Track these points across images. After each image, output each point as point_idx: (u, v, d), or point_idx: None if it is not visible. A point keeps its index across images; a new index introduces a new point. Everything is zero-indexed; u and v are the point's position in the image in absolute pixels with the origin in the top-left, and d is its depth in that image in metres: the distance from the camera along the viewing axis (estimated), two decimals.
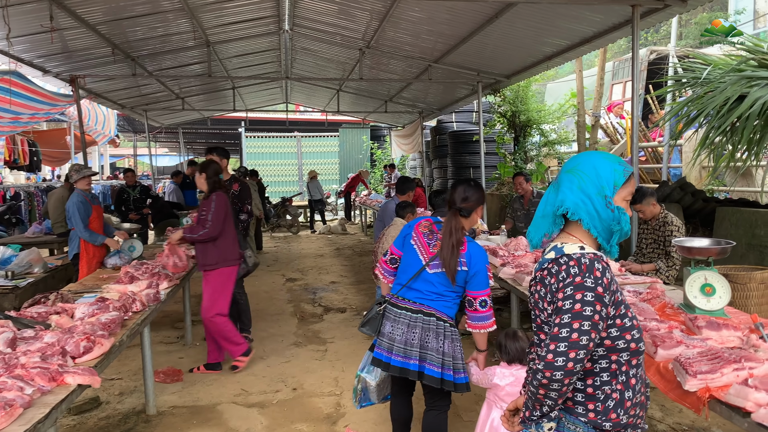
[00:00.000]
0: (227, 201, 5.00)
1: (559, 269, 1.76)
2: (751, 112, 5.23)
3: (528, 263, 4.81)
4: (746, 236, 5.44)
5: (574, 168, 1.88)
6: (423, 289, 3.11)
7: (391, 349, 3.08)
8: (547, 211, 1.90)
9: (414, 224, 3.24)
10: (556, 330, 1.71)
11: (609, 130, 10.05)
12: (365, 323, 3.22)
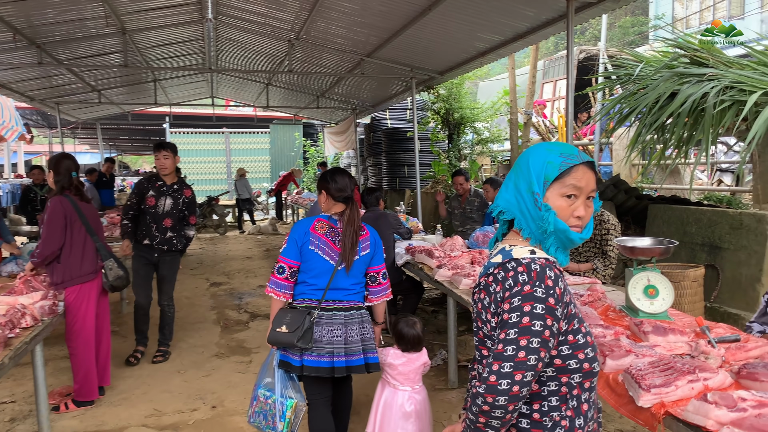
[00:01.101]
0: (61, 206, 4.05)
1: (505, 275, 1.53)
2: (682, 110, 5.22)
3: (464, 264, 4.59)
4: (678, 234, 5.44)
5: (515, 163, 1.66)
6: (347, 286, 3.15)
7: (333, 352, 3.06)
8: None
9: (307, 229, 3.11)
10: (501, 347, 1.48)
11: (541, 128, 10.08)
12: (300, 337, 2.98)
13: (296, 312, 3.05)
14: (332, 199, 3.19)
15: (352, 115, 13.83)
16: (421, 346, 3.45)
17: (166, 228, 5.13)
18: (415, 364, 3.37)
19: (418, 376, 3.41)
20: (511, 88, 9.11)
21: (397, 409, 3.30)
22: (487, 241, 5.41)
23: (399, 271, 5.63)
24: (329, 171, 3.34)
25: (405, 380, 3.35)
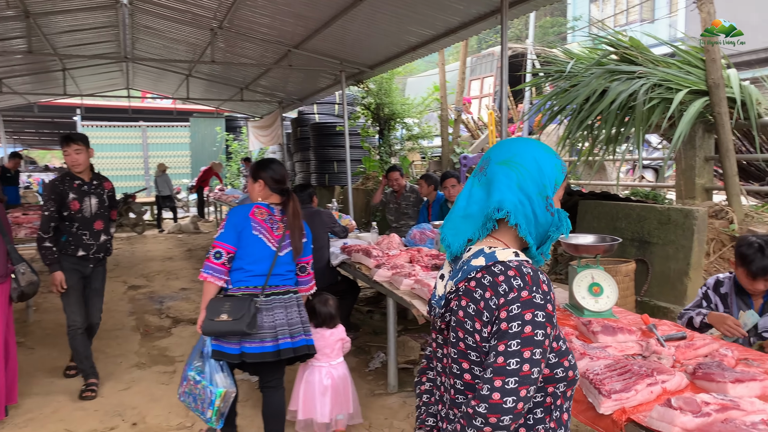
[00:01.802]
0: None
1: (494, 280, 1.39)
2: (612, 107, 5.29)
3: (404, 263, 4.44)
4: (608, 229, 5.52)
5: (509, 160, 1.47)
6: (283, 271, 3.25)
7: (277, 336, 3.12)
8: (472, 211, 1.49)
9: (247, 214, 3.15)
10: (502, 360, 1.34)
11: (470, 125, 10.12)
12: (249, 323, 3.00)
13: (238, 300, 3.05)
14: (269, 190, 3.26)
15: (278, 109, 13.43)
16: (334, 323, 3.67)
17: (99, 232, 4.42)
18: (329, 340, 3.60)
19: (336, 351, 3.63)
20: (441, 84, 9.08)
21: (317, 384, 3.52)
22: (424, 238, 5.29)
23: (334, 272, 5.41)
24: (265, 160, 3.36)
25: (321, 356, 3.54)
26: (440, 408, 1.58)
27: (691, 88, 5.14)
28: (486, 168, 1.51)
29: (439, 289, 1.55)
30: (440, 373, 1.56)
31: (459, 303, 1.44)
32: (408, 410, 3.96)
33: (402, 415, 3.89)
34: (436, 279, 1.68)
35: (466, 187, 1.54)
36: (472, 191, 1.51)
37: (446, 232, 1.53)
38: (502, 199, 1.44)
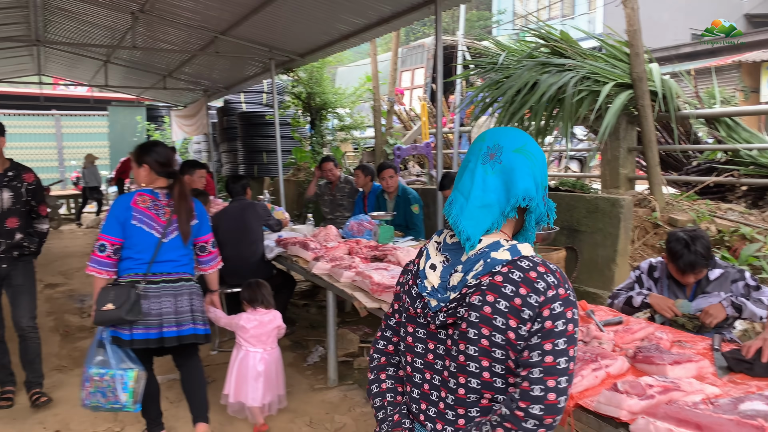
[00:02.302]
0: None
1: (526, 276, 1.35)
2: (542, 99, 5.41)
3: (343, 255, 4.37)
4: None
5: (523, 148, 1.45)
6: (175, 257, 3.25)
7: (162, 324, 3.14)
8: (490, 200, 1.42)
9: (128, 204, 3.15)
10: (551, 360, 1.32)
11: (402, 116, 10.14)
12: (129, 311, 3.03)
13: (120, 288, 3.09)
14: (154, 174, 3.24)
15: (203, 98, 12.94)
16: (269, 304, 3.80)
17: (12, 230, 3.97)
18: (267, 327, 3.70)
19: (271, 338, 3.73)
20: (374, 74, 9.02)
21: (250, 369, 3.60)
22: (362, 230, 5.24)
23: (269, 266, 5.27)
24: (148, 143, 3.35)
25: (257, 342, 3.66)
26: (424, 407, 1.50)
27: (617, 81, 5.33)
28: (499, 156, 1.44)
29: (432, 281, 1.47)
30: (424, 370, 1.49)
31: (483, 298, 1.37)
32: (349, 403, 3.91)
33: (343, 409, 3.84)
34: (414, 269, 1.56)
35: (475, 174, 1.45)
36: (486, 179, 1.44)
37: (465, 223, 1.42)
38: (527, 188, 1.41)
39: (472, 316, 1.38)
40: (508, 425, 1.33)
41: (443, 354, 1.46)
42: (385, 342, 1.67)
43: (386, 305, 3.27)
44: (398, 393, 1.61)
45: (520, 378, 1.34)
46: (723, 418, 1.78)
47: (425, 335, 1.49)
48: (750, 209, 5.37)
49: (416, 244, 5.06)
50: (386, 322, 1.68)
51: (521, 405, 1.32)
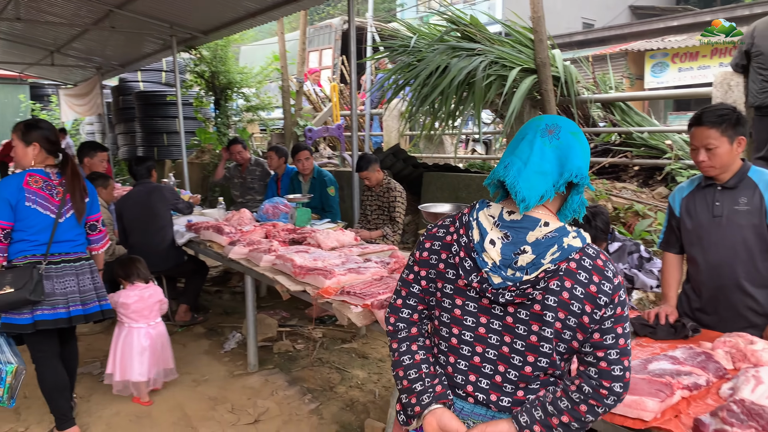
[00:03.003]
0: None
1: (595, 264, 1.46)
2: (453, 83, 5.54)
3: (260, 239, 4.29)
4: (451, 198, 5.84)
5: (578, 134, 1.52)
6: (72, 237, 3.24)
7: (68, 303, 3.15)
8: (546, 169, 1.47)
9: (20, 185, 3.07)
10: (623, 343, 1.47)
11: (312, 97, 10.01)
12: (32, 291, 2.99)
13: (18, 270, 3.04)
14: (45, 152, 3.18)
15: (96, 76, 12.11)
16: (147, 278, 3.88)
17: None
18: (148, 301, 3.77)
19: (153, 312, 3.80)
20: (281, 54, 8.82)
21: (135, 345, 3.66)
22: (277, 213, 5.17)
23: (180, 252, 5.08)
24: (32, 120, 3.26)
25: (139, 317, 3.73)
26: (473, 378, 1.55)
27: (523, 67, 5.56)
28: (558, 133, 1.50)
29: (493, 256, 1.47)
30: (475, 343, 1.53)
31: (562, 284, 1.44)
32: (271, 387, 3.87)
33: (266, 393, 3.80)
34: (465, 241, 1.53)
35: (534, 144, 1.49)
36: (545, 150, 1.48)
37: (522, 185, 1.45)
38: (581, 166, 1.49)
39: (550, 300, 1.44)
40: (593, 402, 1.45)
41: (501, 330, 1.51)
42: (410, 311, 1.65)
43: (310, 287, 3.25)
44: (432, 364, 1.62)
45: (595, 359, 1.46)
46: (636, 378, 1.94)
47: (477, 309, 1.53)
48: (641, 188, 5.81)
49: (334, 226, 5.06)
50: (408, 290, 1.65)
51: (605, 384, 1.44)
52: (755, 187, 2.43)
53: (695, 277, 2.64)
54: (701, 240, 2.55)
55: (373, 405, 3.64)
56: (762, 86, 4.90)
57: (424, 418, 1.55)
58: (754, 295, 2.46)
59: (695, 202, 2.58)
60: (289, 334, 4.80)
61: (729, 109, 2.42)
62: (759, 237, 2.42)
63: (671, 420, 1.76)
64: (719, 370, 2.06)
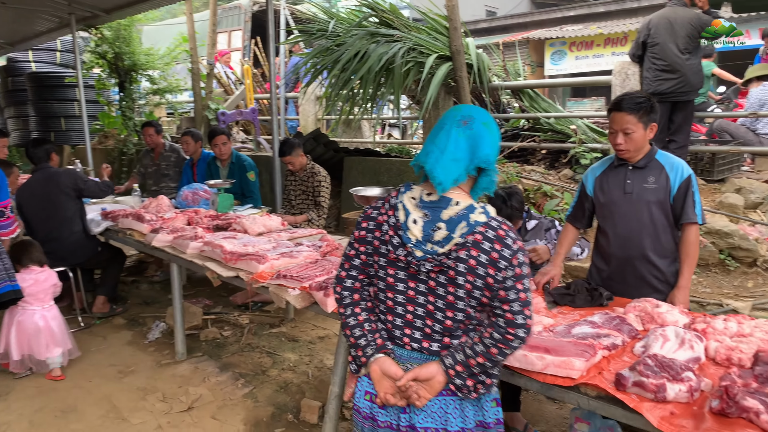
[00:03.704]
0: None
1: (497, 234, 1.73)
2: (371, 68, 5.63)
3: (184, 226, 4.21)
4: (372, 182, 5.95)
5: (489, 123, 1.82)
6: None
7: None
8: (459, 156, 1.77)
9: None
10: (524, 296, 1.74)
11: (222, 80, 9.74)
12: None
13: None
14: None
15: None
16: (42, 262, 4.02)
17: None
18: (43, 285, 3.91)
19: (48, 296, 3.95)
20: (190, 35, 8.51)
21: (30, 326, 3.80)
22: (197, 199, 5.06)
23: (94, 242, 4.87)
24: None
25: (34, 300, 3.86)
26: (409, 332, 1.85)
27: (439, 54, 5.73)
28: (471, 124, 1.79)
29: (416, 233, 1.75)
30: (407, 304, 1.82)
31: (469, 253, 1.72)
32: (202, 375, 3.85)
33: (197, 381, 3.77)
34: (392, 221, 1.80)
35: (450, 134, 1.78)
36: (459, 140, 1.77)
37: (439, 171, 1.74)
38: (489, 153, 1.78)
39: (460, 267, 1.73)
40: (501, 345, 1.74)
41: (426, 292, 1.80)
42: (353, 280, 1.93)
43: (243, 273, 3.26)
44: (373, 321, 1.91)
45: (501, 311, 1.74)
46: (563, 341, 2.15)
47: (406, 276, 1.82)
48: (548, 170, 6.20)
49: (258, 211, 5.03)
50: (350, 263, 1.93)
51: (510, 331, 1.73)
52: (662, 169, 2.73)
53: (606, 249, 2.90)
54: (613, 214, 2.82)
55: (308, 385, 3.72)
56: (656, 75, 5.33)
57: (370, 366, 1.85)
58: (658, 265, 2.77)
59: (608, 180, 2.85)
60: (215, 322, 4.75)
61: (645, 97, 2.69)
62: (663, 212, 2.73)
63: (596, 376, 1.97)
64: (632, 331, 2.32)
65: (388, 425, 1.84)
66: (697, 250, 2.79)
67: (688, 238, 2.75)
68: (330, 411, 2.78)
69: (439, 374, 1.77)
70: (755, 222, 5.00)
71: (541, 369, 2.01)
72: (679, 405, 1.78)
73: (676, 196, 2.71)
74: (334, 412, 2.78)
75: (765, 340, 2.12)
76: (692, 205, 2.71)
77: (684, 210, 2.71)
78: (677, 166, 2.74)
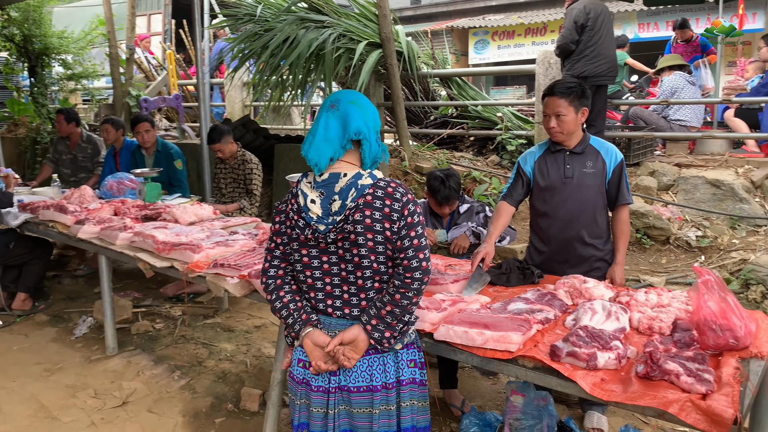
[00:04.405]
0: None
1: (386, 191, 1.89)
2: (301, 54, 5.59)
3: (111, 217, 4.05)
4: (304, 168, 5.84)
5: (356, 101, 1.98)
6: None
7: None
8: (331, 136, 1.93)
9: None
10: (417, 242, 1.90)
11: (143, 65, 9.34)
12: None
13: None
14: None
15: None
16: None
17: None
18: None
19: None
20: (108, 17, 8.10)
21: None
22: (123, 189, 4.88)
23: (11, 235, 4.58)
24: None
25: None
26: (330, 302, 1.99)
27: (369, 41, 5.76)
28: (338, 105, 1.97)
29: (316, 211, 1.92)
30: (324, 277, 1.97)
31: (363, 213, 1.87)
32: (136, 368, 3.74)
33: (130, 375, 3.66)
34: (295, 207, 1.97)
35: (320, 120, 1.98)
36: (329, 122, 1.95)
37: (312, 153, 1.94)
38: (358, 126, 1.94)
39: (359, 228, 1.87)
40: (403, 290, 1.89)
41: (337, 261, 1.95)
42: (275, 269, 2.06)
43: (178, 263, 3.19)
44: (298, 300, 2.04)
45: (399, 259, 1.91)
46: (500, 317, 2.25)
47: (318, 252, 1.96)
48: (477, 156, 6.37)
49: (188, 201, 4.90)
50: (272, 255, 2.07)
51: (407, 275, 1.89)
52: (598, 153, 2.90)
53: (546, 231, 3.03)
54: (553, 198, 2.95)
55: (247, 374, 3.69)
56: (592, 57, 5.36)
57: (302, 340, 2.00)
58: (596, 244, 2.95)
59: (547, 165, 2.97)
60: (146, 315, 4.62)
61: (576, 82, 2.83)
62: (600, 195, 2.91)
63: (532, 348, 2.08)
64: (563, 306, 2.46)
65: (322, 389, 1.99)
66: (629, 228, 3.01)
67: (622, 218, 2.96)
68: (273, 397, 2.79)
69: (360, 333, 1.94)
70: (667, 203, 5.36)
71: (481, 344, 2.10)
72: (608, 372, 1.91)
73: (611, 179, 2.90)
74: (276, 399, 2.79)
75: (682, 310, 2.30)
76: (626, 186, 2.92)
77: (620, 192, 2.92)
78: (611, 151, 2.92)
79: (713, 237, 5.00)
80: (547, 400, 2.57)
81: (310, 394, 2.01)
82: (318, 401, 2.00)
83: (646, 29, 13.44)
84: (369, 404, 1.97)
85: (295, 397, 2.06)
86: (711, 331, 1.96)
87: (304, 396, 2.03)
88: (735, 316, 1.96)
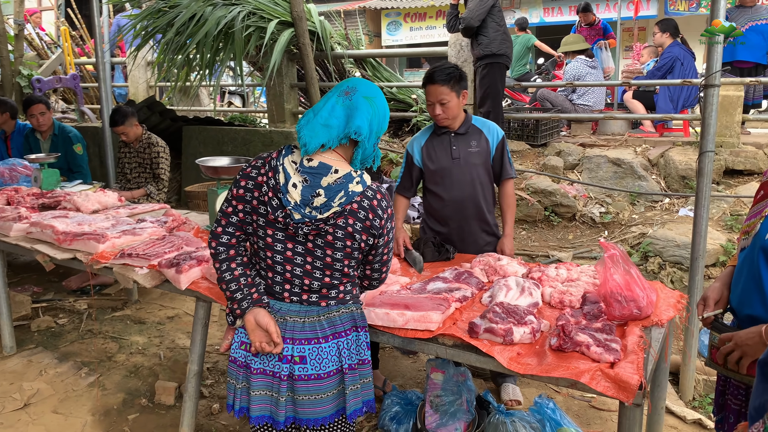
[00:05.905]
0: None
1: (372, 204, 1.86)
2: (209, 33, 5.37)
3: (3, 207, 3.74)
4: (215, 152, 5.72)
5: (372, 99, 1.90)
6: None
7: None
8: (332, 123, 1.84)
9: None
10: (386, 257, 2.03)
11: (35, 42, 8.64)
12: None
13: None
14: None
15: None
16: None
17: None
18: None
19: None
20: None
21: None
22: (17, 176, 4.52)
23: None
24: None
25: None
26: (288, 287, 1.92)
27: (281, 19, 5.61)
28: (352, 95, 1.87)
29: (295, 197, 1.81)
30: (285, 263, 1.89)
31: (347, 221, 1.84)
32: (38, 368, 3.50)
33: (32, 375, 3.42)
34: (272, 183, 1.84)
35: (329, 101, 1.87)
36: (335, 108, 1.86)
37: (306, 133, 1.82)
38: (361, 125, 1.85)
39: (339, 233, 1.85)
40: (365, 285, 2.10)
41: (303, 253, 1.89)
42: (229, 236, 1.96)
43: (81, 254, 3.00)
44: (250, 276, 1.96)
45: (370, 269, 2.04)
46: (420, 297, 2.28)
47: (284, 237, 1.88)
48: (393, 138, 6.40)
49: (90, 188, 4.61)
50: (227, 220, 1.94)
51: (375, 279, 2.09)
52: (481, 132, 3.01)
53: (440, 212, 3.08)
54: (444, 180, 3.01)
55: (161, 367, 3.55)
56: (503, 38, 5.38)
57: (245, 318, 1.91)
58: (487, 219, 3.06)
59: (434, 148, 3.03)
60: (47, 310, 4.32)
61: (453, 67, 2.88)
62: (487, 172, 3.03)
63: (451, 327, 2.12)
64: (479, 283, 2.52)
65: (261, 372, 1.92)
66: (515, 201, 3.17)
67: (508, 192, 3.11)
68: (190, 390, 2.69)
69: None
70: (573, 181, 5.61)
71: (402, 324, 2.11)
72: (524, 346, 1.98)
73: (495, 156, 3.02)
74: (193, 391, 2.70)
75: (590, 283, 2.42)
76: (508, 162, 3.05)
77: (503, 167, 3.05)
78: (493, 129, 3.03)
79: (615, 213, 5.29)
80: (466, 376, 2.64)
81: (250, 377, 1.93)
82: (259, 384, 1.92)
83: (551, 14, 13.94)
84: (316, 391, 1.91)
85: (236, 381, 1.96)
86: (617, 302, 2.07)
87: (244, 379, 1.94)
88: (638, 288, 2.08)
